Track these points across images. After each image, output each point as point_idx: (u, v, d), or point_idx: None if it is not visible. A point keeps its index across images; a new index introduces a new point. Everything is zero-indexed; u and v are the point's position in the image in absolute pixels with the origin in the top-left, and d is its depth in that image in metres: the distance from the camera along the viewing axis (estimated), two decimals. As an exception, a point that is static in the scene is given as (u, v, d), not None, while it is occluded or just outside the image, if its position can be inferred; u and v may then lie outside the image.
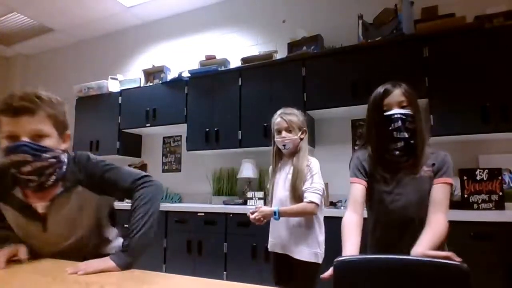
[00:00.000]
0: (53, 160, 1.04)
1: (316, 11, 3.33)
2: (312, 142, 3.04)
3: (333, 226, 2.33)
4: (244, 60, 3.25)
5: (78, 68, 4.82)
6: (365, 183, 1.28)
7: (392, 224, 1.24)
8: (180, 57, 3.98)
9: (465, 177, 2.38)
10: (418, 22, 2.59)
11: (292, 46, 3.14)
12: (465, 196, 2.36)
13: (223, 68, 3.34)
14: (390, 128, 1.21)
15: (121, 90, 3.85)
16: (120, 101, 3.81)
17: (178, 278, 0.95)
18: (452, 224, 2.03)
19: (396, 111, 1.22)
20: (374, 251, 1.28)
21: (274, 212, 1.63)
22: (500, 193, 2.29)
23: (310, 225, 1.69)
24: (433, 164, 1.23)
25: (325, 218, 2.39)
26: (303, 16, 3.38)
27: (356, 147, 2.97)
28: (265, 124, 2.95)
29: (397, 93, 1.26)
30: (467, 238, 1.99)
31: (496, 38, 2.31)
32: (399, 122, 1.20)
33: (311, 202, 1.60)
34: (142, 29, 4.37)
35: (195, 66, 3.51)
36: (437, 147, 1.31)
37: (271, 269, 1.88)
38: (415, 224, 1.19)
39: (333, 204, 2.83)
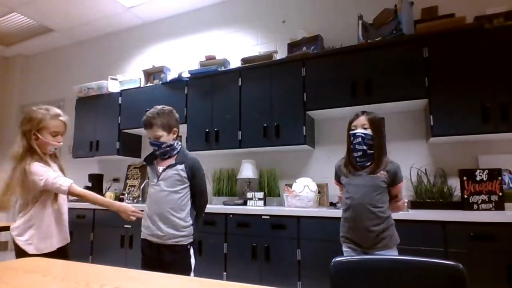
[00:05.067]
0: (167, 148, 1.92)
1: (316, 11, 3.33)
2: (312, 142, 3.04)
3: (334, 226, 2.34)
4: (244, 60, 3.25)
5: (78, 68, 4.82)
6: (336, 182, 1.95)
7: (354, 206, 1.73)
8: (180, 57, 3.99)
9: (465, 178, 2.38)
10: (418, 22, 2.59)
11: (292, 46, 3.14)
12: (465, 196, 2.36)
13: (223, 68, 3.34)
14: (354, 141, 1.76)
15: (121, 91, 3.85)
16: (120, 101, 3.81)
17: (178, 278, 0.95)
18: (452, 224, 2.05)
19: (359, 130, 1.75)
20: (343, 225, 1.81)
21: None
22: (500, 194, 2.29)
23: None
24: (388, 171, 1.73)
25: (325, 218, 2.40)
26: (303, 16, 3.38)
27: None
28: (265, 125, 2.95)
29: (362, 119, 1.78)
30: (467, 238, 2.00)
31: (496, 38, 2.32)
32: (359, 138, 1.74)
33: None
34: (142, 29, 4.37)
35: (195, 66, 3.51)
36: (439, 146, 1.39)
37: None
38: (369, 207, 1.69)
39: (333, 205, 2.83)
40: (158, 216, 1.85)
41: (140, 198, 3.62)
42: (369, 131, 1.74)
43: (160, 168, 1.92)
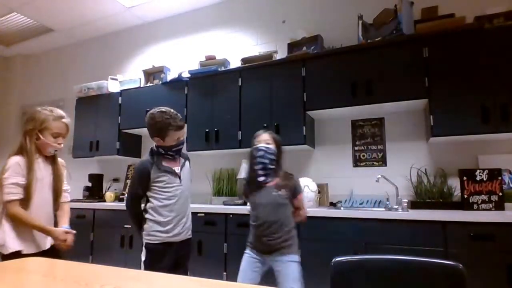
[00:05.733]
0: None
1: (316, 11, 3.33)
2: (312, 142, 3.04)
3: (334, 226, 2.34)
4: (244, 60, 3.25)
5: (78, 68, 4.82)
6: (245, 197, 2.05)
7: (260, 223, 1.85)
8: (180, 57, 3.99)
9: (465, 178, 2.38)
10: (418, 23, 2.59)
11: (292, 46, 3.14)
12: (465, 196, 2.36)
13: (223, 69, 3.34)
14: (257, 155, 1.87)
15: (121, 91, 3.85)
16: (120, 102, 3.81)
17: (178, 278, 0.95)
18: (452, 224, 2.05)
19: (261, 145, 1.89)
20: (251, 233, 1.93)
21: None
22: (500, 194, 2.29)
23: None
24: (287, 186, 1.86)
25: (325, 218, 2.40)
26: (303, 16, 3.38)
27: (356, 148, 2.97)
28: (265, 125, 2.95)
29: (265, 135, 1.95)
30: (467, 238, 2.00)
31: (496, 38, 2.32)
32: (262, 152, 1.87)
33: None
34: (142, 29, 4.37)
35: (195, 66, 3.51)
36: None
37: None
38: (276, 224, 1.83)
39: (333, 205, 2.83)
40: (184, 214, 1.96)
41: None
42: (271, 146, 1.90)
43: (177, 168, 1.95)
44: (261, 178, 1.87)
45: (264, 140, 1.92)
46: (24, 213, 1.67)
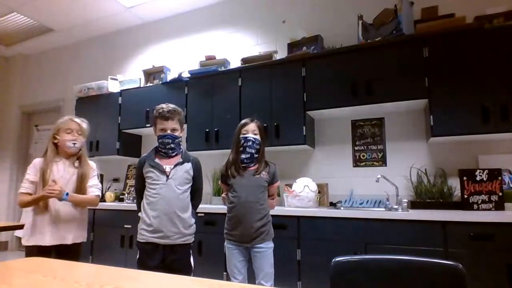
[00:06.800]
0: (179, 143, 2.00)
1: (316, 11, 3.33)
2: (312, 142, 3.04)
3: (334, 226, 2.34)
4: (244, 60, 3.25)
5: (78, 68, 4.82)
6: (222, 183, 2.13)
7: (241, 204, 1.93)
8: (180, 57, 3.99)
9: (465, 178, 2.38)
10: (418, 22, 2.59)
11: (292, 46, 3.14)
12: (465, 196, 2.36)
13: (223, 69, 3.34)
14: (245, 144, 1.98)
15: (121, 91, 3.85)
16: (120, 102, 3.81)
17: (178, 278, 0.95)
18: (452, 224, 2.05)
19: (250, 135, 2.00)
20: (228, 223, 1.99)
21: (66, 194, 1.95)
22: (500, 194, 2.29)
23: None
24: (269, 172, 2.01)
25: (325, 218, 2.41)
26: (303, 16, 3.38)
27: (356, 148, 2.97)
28: (265, 125, 2.95)
29: (253, 125, 2.04)
30: (467, 238, 2.00)
31: (496, 38, 2.32)
32: (250, 142, 1.98)
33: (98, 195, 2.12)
34: (142, 29, 4.37)
35: (195, 66, 3.51)
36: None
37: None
38: (255, 204, 1.93)
39: (333, 205, 2.83)
40: (169, 216, 1.85)
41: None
42: (258, 137, 2.01)
43: (168, 167, 1.91)
44: (245, 163, 1.99)
45: (252, 130, 2.02)
46: (24, 197, 1.95)
